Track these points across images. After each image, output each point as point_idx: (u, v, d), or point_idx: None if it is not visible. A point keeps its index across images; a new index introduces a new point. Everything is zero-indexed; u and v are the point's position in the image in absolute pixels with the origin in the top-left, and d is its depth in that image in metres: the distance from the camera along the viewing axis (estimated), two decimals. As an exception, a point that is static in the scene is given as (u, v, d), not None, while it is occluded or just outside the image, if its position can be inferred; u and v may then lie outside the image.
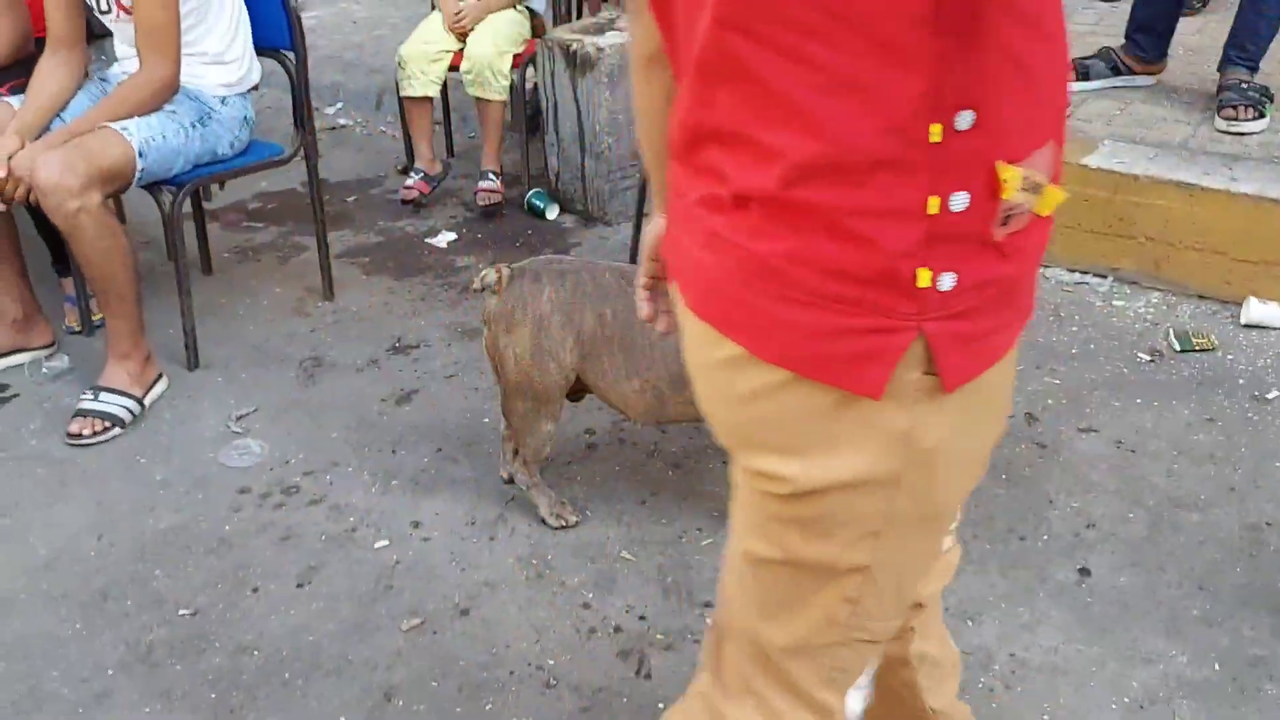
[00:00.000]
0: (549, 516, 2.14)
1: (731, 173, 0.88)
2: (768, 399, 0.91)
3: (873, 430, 0.89)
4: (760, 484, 0.96)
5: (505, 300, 1.93)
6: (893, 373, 0.86)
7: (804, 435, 0.91)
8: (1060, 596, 1.96)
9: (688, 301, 0.96)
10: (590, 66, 3.23)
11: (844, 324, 0.85)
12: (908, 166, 0.81)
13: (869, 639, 1.05)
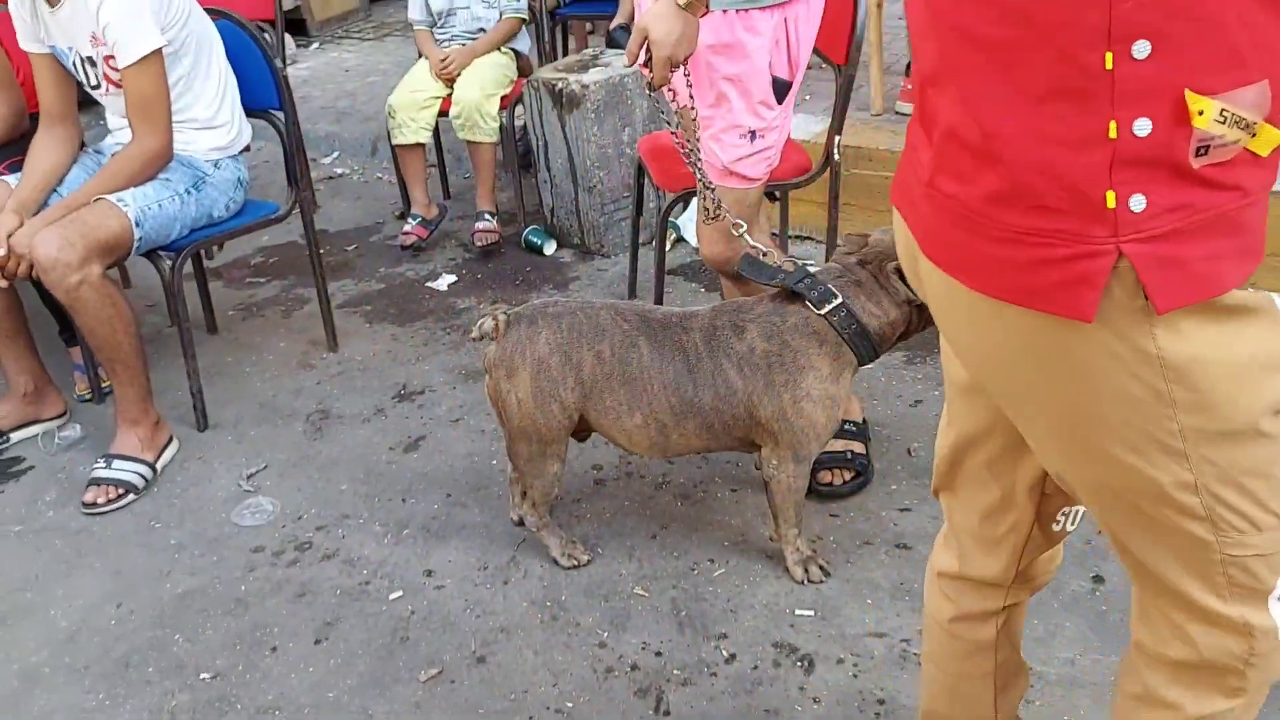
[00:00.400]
0: (560, 557, 2.15)
1: (941, 117, 0.97)
2: (1001, 331, 0.99)
3: (1106, 350, 0.95)
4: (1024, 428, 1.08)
5: (504, 346, 1.95)
6: (1102, 296, 0.92)
7: (1046, 361, 0.99)
8: (1075, 606, 1.96)
9: (918, 242, 1.07)
10: (576, 104, 3.26)
11: (1045, 255, 0.92)
12: (1086, 94, 0.87)
13: (1256, 553, 1.08)
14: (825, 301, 1.88)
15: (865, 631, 1.94)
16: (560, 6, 4.13)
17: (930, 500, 2.24)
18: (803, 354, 1.89)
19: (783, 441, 1.93)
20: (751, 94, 2.01)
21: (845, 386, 1.94)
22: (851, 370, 1.94)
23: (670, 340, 1.94)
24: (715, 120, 2.05)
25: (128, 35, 2.46)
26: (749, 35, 1.96)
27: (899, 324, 1.91)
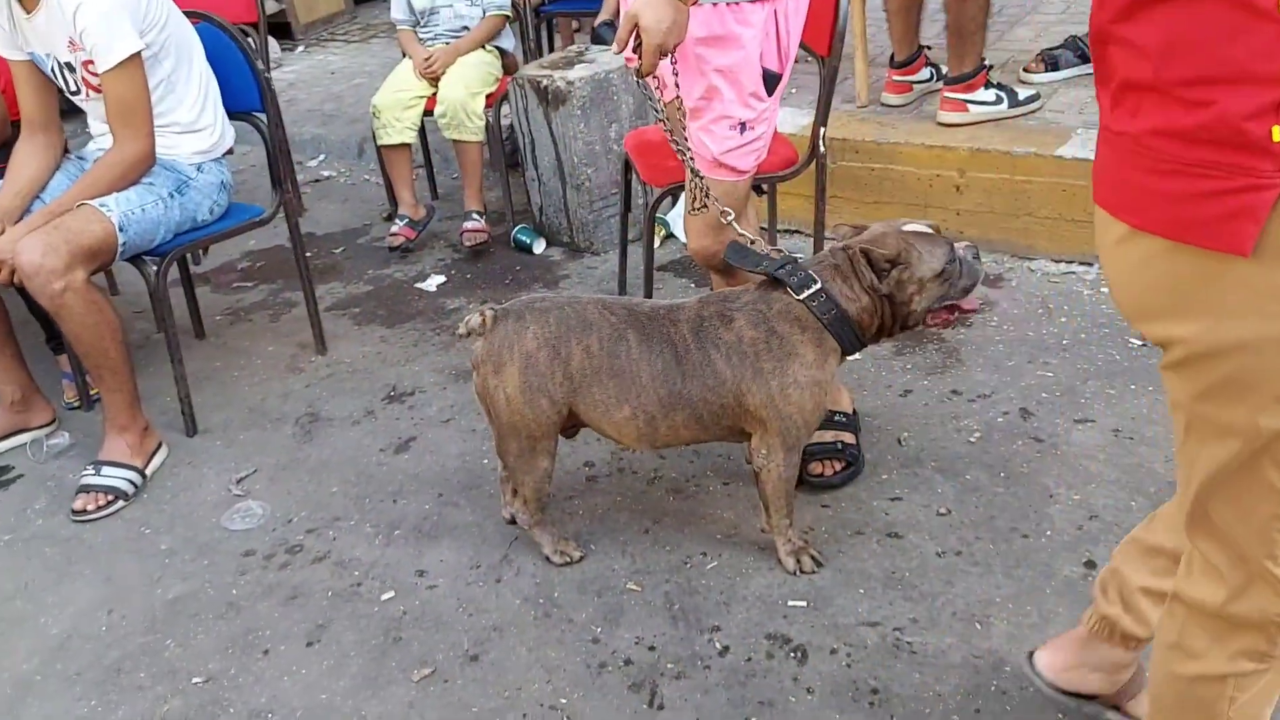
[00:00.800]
0: (553, 554, 2.14)
1: (1119, 67, 1.02)
2: (1152, 267, 1.03)
3: (1258, 290, 0.97)
4: (1164, 359, 1.09)
5: (491, 342, 1.95)
6: (1262, 230, 0.94)
7: (1191, 298, 1.02)
8: (1067, 592, 1.95)
9: (1094, 194, 1.12)
10: (562, 101, 3.25)
11: (1209, 187, 0.95)
12: (1257, 37, 0.89)
13: None
14: (805, 287, 1.88)
15: (858, 621, 1.94)
16: (545, 4, 4.12)
17: (920, 489, 2.25)
18: (788, 341, 1.89)
19: (771, 429, 1.92)
20: (743, 85, 2.01)
21: (830, 372, 1.93)
22: (836, 356, 1.93)
23: (658, 332, 1.93)
24: (705, 111, 2.04)
25: (105, 40, 2.45)
26: (741, 27, 1.95)
27: (872, 311, 1.90)
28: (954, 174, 3.11)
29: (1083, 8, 4.05)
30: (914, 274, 1.87)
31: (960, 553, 2.07)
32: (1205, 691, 1.28)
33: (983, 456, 2.33)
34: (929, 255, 1.87)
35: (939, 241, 1.90)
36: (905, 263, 1.86)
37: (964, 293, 1.92)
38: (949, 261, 1.88)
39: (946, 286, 1.89)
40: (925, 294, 1.89)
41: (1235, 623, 1.21)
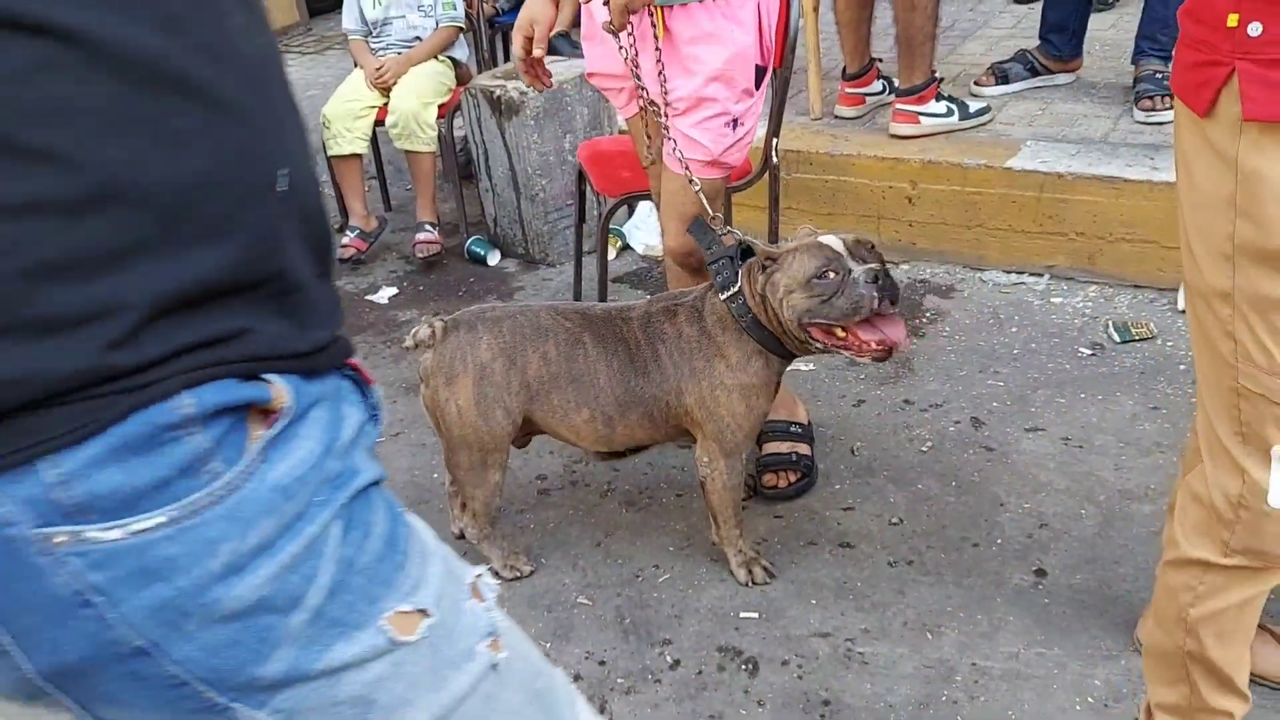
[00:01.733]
0: (502, 568, 2.11)
1: None
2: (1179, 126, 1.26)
3: (1209, 146, 1.18)
4: None
5: (442, 353, 1.91)
6: (1216, 98, 1.15)
7: (1180, 148, 1.25)
8: (1017, 601, 1.96)
9: None
10: (515, 111, 3.24)
11: (1196, 58, 1.18)
12: None
13: (1265, 394, 1.23)
14: (727, 287, 1.86)
15: (810, 632, 1.93)
16: (499, 15, 4.11)
17: (873, 497, 2.24)
18: (714, 341, 1.87)
19: (707, 432, 1.91)
20: (736, 82, 1.99)
21: (757, 376, 1.88)
22: (763, 360, 1.87)
23: (612, 332, 1.91)
24: (697, 109, 2.00)
25: None
26: (732, 24, 1.94)
27: (765, 315, 1.83)
28: (906, 185, 3.12)
29: (1032, 23, 4.10)
30: (781, 278, 1.78)
31: (911, 562, 2.07)
32: (1174, 578, 1.43)
33: (934, 466, 2.33)
34: (799, 263, 1.77)
35: (819, 252, 1.77)
36: (779, 265, 1.79)
37: (842, 315, 1.75)
38: (817, 275, 1.75)
39: (816, 301, 1.75)
40: (791, 304, 1.78)
41: (1205, 504, 1.33)
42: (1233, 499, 1.30)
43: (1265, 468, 1.27)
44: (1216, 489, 1.32)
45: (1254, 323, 1.21)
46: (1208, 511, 1.34)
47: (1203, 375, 1.31)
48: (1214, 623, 1.41)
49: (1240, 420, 1.26)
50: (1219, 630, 1.42)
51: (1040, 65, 3.46)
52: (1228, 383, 1.26)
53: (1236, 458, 1.28)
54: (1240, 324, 1.22)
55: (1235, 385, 1.25)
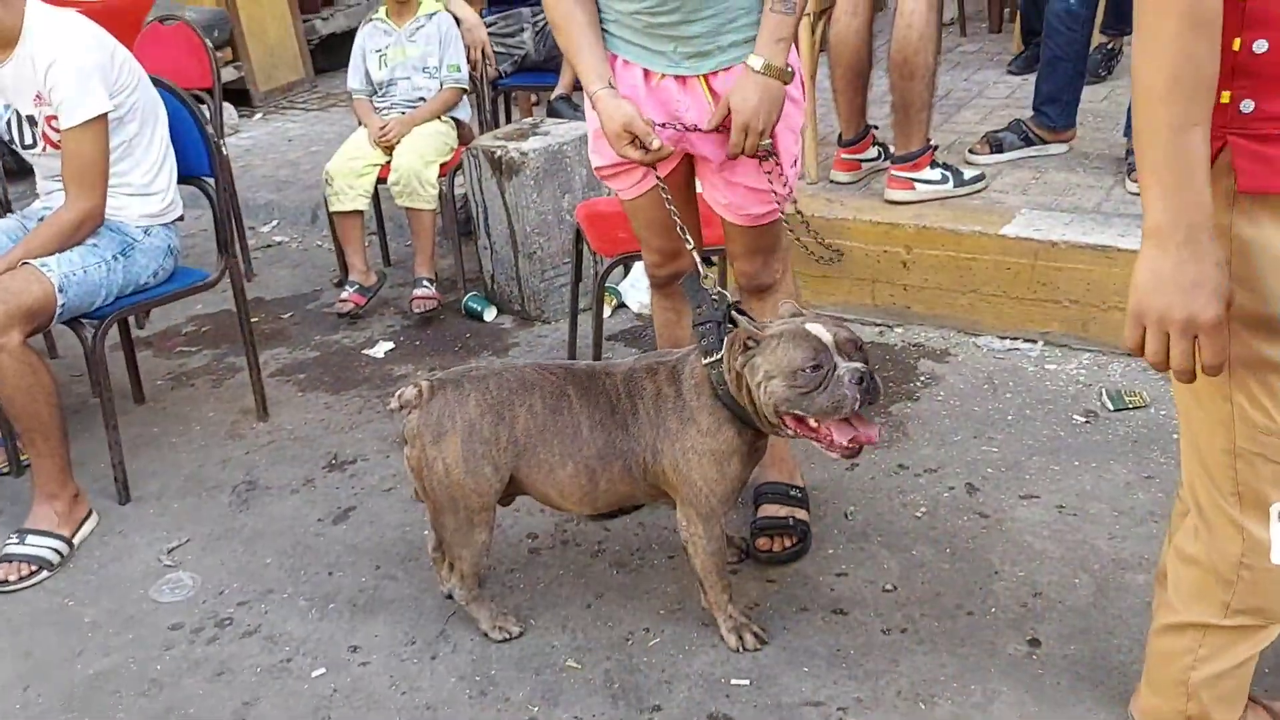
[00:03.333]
0: (491, 630, 2.09)
1: None
2: None
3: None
4: None
5: (429, 412, 1.91)
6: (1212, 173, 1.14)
7: None
8: (1011, 671, 1.93)
9: None
10: (515, 171, 3.27)
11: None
12: (1229, 18, 1.11)
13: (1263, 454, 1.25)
14: (710, 353, 1.85)
15: (801, 700, 1.90)
16: (501, 78, 4.17)
17: (867, 563, 2.23)
18: (689, 405, 1.87)
19: (683, 496, 1.90)
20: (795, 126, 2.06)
21: (727, 444, 1.86)
22: (735, 430, 1.86)
23: (595, 385, 1.92)
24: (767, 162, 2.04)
25: (75, 97, 2.44)
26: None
27: (738, 390, 1.81)
28: (901, 250, 3.15)
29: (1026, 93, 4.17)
30: (762, 362, 1.76)
31: (905, 630, 2.05)
32: (1172, 644, 1.44)
33: (929, 532, 2.32)
34: (784, 351, 1.74)
35: (808, 344, 1.74)
36: (761, 349, 1.77)
37: (821, 411, 1.74)
38: (803, 368, 1.72)
39: (795, 393, 1.73)
40: (769, 390, 1.75)
41: (1203, 567, 1.34)
42: (1233, 560, 1.32)
43: (1265, 526, 1.30)
44: (1216, 552, 1.33)
45: (1251, 385, 1.23)
46: (1205, 574, 1.36)
47: (1192, 440, 1.33)
48: (1216, 685, 1.42)
49: (1237, 481, 1.28)
50: (1221, 692, 1.43)
51: (1034, 135, 3.50)
52: (1222, 444, 1.27)
53: (1235, 518, 1.30)
54: (1237, 387, 1.24)
55: (1231, 447, 1.26)
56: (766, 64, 1.88)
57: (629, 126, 1.91)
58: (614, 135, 1.93)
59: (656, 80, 1.99)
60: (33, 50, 2.47)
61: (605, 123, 1.94)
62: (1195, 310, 1.14)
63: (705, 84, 1.97)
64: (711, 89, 1.98)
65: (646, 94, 2.00)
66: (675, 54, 1.94)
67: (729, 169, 2.04)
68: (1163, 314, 1.16)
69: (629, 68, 2.00)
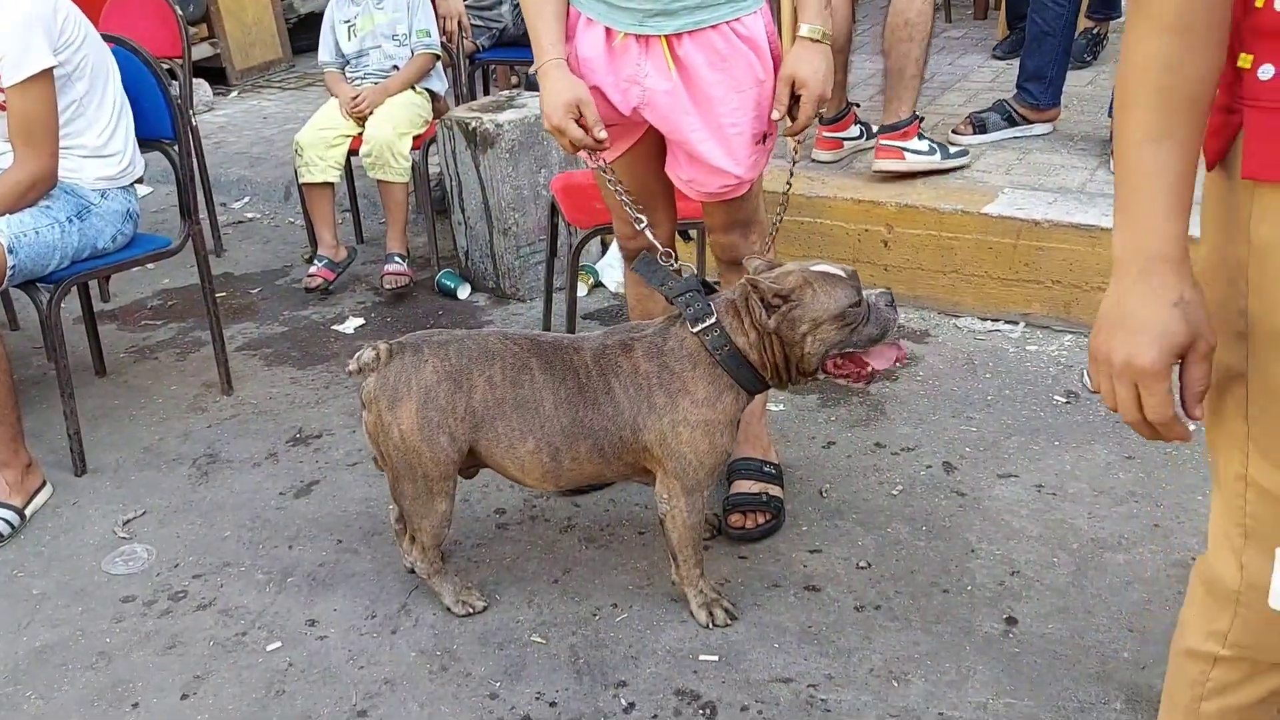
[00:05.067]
0: (454, 604, 2.02)
1: None
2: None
3: (1219, 203, 1.02)
4: None
5: (385, 376, 1.84)
6: (1227, 149, 0.99)
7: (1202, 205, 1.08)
8: (987, 649, 1.88)
9: None
10: (490, 144, 3.20)
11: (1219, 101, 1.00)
12: None
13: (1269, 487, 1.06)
14: (700, 320, 1.80)
15: (771, 677, 1.84)
16: (479, 51, 4.09)
17: (841, 540, 2.17)
18: (679, 376, 1.81)
19: (669, 469, 1.84)
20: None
21: (725, 412, 1.83)
22: (734, 395, 1.83)
23: (561, 360, 1.85)
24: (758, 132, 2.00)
25: (15, 52, 2.35)
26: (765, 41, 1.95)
27: (760, 349, 1.80)
28: (882, 229, 3.10)
29: (1010, 78, 4.13)
30: (805, 313, 1.75)
31: (879, 607, 1.99)
32: (1187, 668, 1.25)
33: (904, 510, 2.27)
34: (826, 295, 1.75)
35: (843, 283, 1.77)
36: (797, 300, 1.76)
37: (870, 341, 1.79)
38: (851, 304, 1.76)
39: (848, 331, 1.76)
40: (819, 336, 1.76)
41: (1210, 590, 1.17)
42: (1230, 591, 1.14)
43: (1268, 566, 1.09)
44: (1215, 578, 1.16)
45: (1272, 408, 1.03)
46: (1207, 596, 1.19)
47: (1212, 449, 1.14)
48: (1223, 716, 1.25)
49: (1245, 512, 1.09)
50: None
51: (1018, 115, 3.46)
52: (1236, 468, 1.09)
53: (1237, 550, 1.12)
54: (1256, 409, 1.05)
55: (1244, 473, 1.08)
56: (823, 32, 1.87)
57: (582, 106, 1.83)
58: (558, 108, 1.83)
59: (619, 38, 1.91)
60: None
61: (549, 96, 1.85)
62: (1132, 353, 0.99)
63: (666, 45, 1.90)
64: (673, 52, 1.90)
65: (607, 54, 1.92)
66: (638, 10, 1.87)
67: (690, 144, 1.96)
68: (1105, 355, 1.02)
69: (591, 25, 1.93)
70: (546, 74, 1.86)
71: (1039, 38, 3.39)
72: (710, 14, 1.85)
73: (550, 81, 1.85)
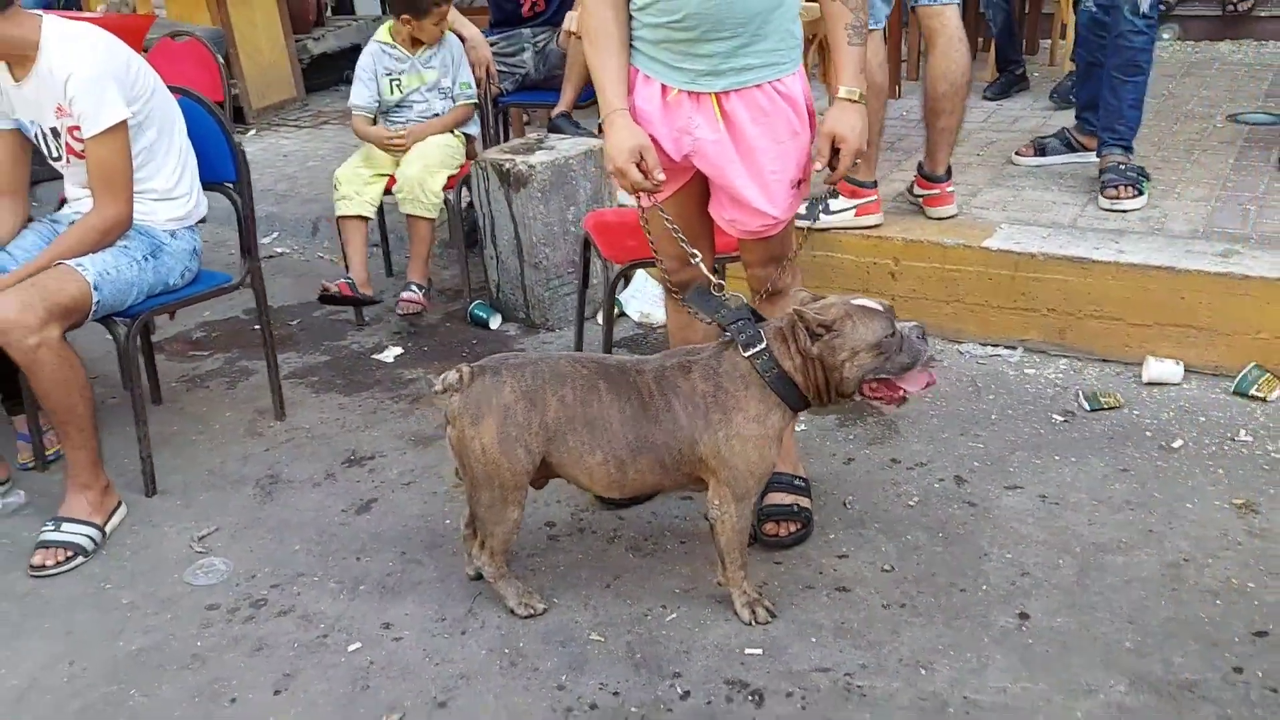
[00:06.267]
0: (517, 606, 2.22)
1: None
2: None
3: None
4: None
5: (468, 396, 2.05)
6: None
7: None
8: (1003, 641, 2.09)
9: None
10: (523, 184, 3.42)
11: None
12: None
13: None
14: (751, 345, 2.03)
15: (811, 667, 2.05)
16: (503, 95, 4.32)
17: (866, 546, 2.38)
18: (732, 395, 2.03)
19: (721, 479, 2.05)
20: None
21: (774, 428, 2.05)
22: (781, 413, 2.05)
23: (625, 381, 2.07)
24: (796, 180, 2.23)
25: (94, 107, 2.55)
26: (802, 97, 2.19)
27: (805, 373, 2.03)
28: (889, 262, 3.33)
29: (1002, 117, 4.39)
30: (845, 341, 1.98)
31: (904, 605, 2.20)
32: None
33: (921, 519, 2.48)
34: (864, 327, 1.99)
35: (880, 316, 2.02)
36: (838, 331, 1.99)
37: (902, 369, 2.02)
38: (886, 335, 1.99)
39: (882, 359, 2.00)
40: (857, 363, 1.99)
41: None
42: None
43: None
44: None
45: None
46: None
47: None
48: None
49: None
50: None
51: (1077, 142, 3.72)
52: None
53: None
54: None
55: None
56: (860, 93, 2.11)
57: (644, 152, 2.06)
58: (623, 153, 2.06)
59: (673, 94, 2.15)
60: (51, 64, 2.56)
61: (615, 142, 2.08)
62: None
63: (716, 102, 2.14)
64: (721, 107, 2.14)
65: (662, 107, 2.16)
66: (691, 70, 2.11)
67: (734, 189, 2.19)
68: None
69: (649, 83, 2.16)
70: (612, 123, 2.09)
71: (1087, 69, 3.65)
72: (754, 75, 2.08)
73: (615, 130, 2.08)
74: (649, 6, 2.06)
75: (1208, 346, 2.98)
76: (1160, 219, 3.28)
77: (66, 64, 2.55)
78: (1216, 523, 2.39)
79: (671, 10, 2.03)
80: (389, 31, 3.78)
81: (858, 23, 2.09)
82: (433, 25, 3.65)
